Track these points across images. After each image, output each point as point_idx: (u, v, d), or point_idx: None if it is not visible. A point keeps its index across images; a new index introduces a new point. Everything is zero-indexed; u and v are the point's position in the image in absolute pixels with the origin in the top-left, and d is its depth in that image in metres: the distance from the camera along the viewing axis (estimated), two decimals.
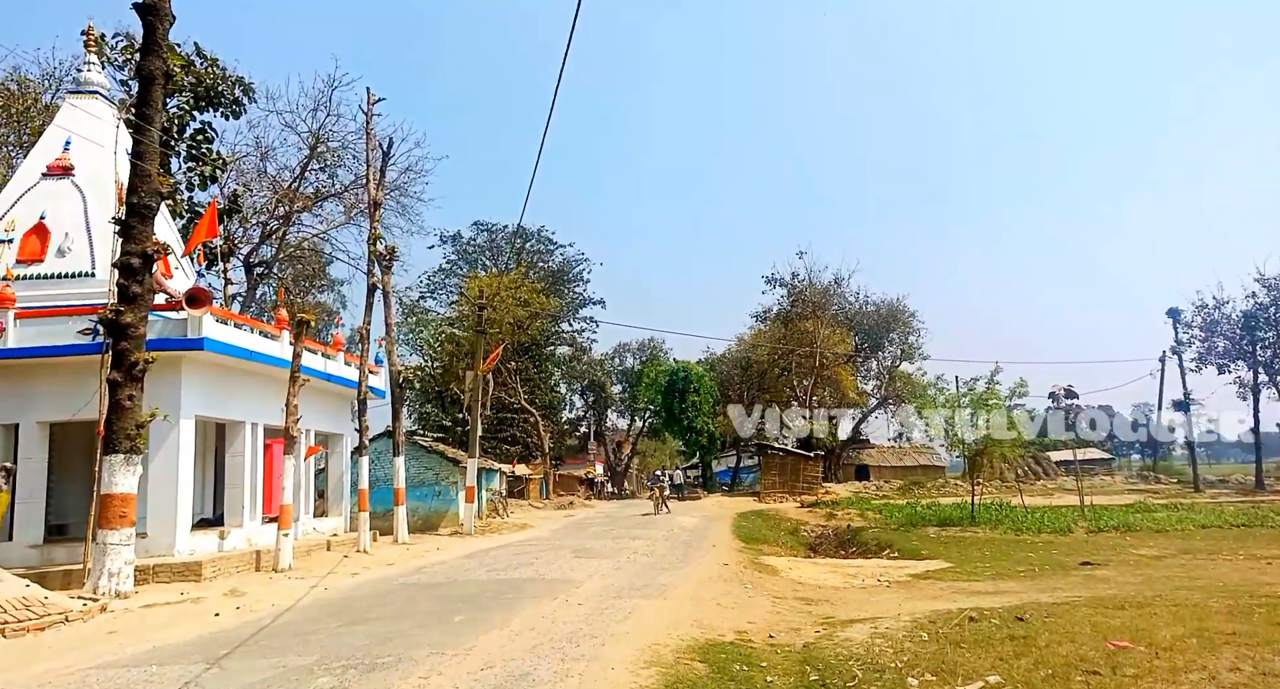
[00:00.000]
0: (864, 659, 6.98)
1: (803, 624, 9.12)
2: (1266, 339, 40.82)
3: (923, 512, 26.37)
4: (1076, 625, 7.86)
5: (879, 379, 51.64)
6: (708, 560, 15.35)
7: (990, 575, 13.56)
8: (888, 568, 15.58)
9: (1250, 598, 9.61)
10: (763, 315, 51.07)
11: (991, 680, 5.98)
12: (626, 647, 7.46)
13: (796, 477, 39.31)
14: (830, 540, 24.09)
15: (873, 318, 49.80)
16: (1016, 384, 24.96)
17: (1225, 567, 13.68)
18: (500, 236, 47.11)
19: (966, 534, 21.07)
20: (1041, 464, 49.86)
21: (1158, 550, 16.26)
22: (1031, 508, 26.23)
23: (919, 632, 7.98)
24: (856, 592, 12.47)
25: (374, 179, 21.64)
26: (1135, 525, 20.83)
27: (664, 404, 44.41)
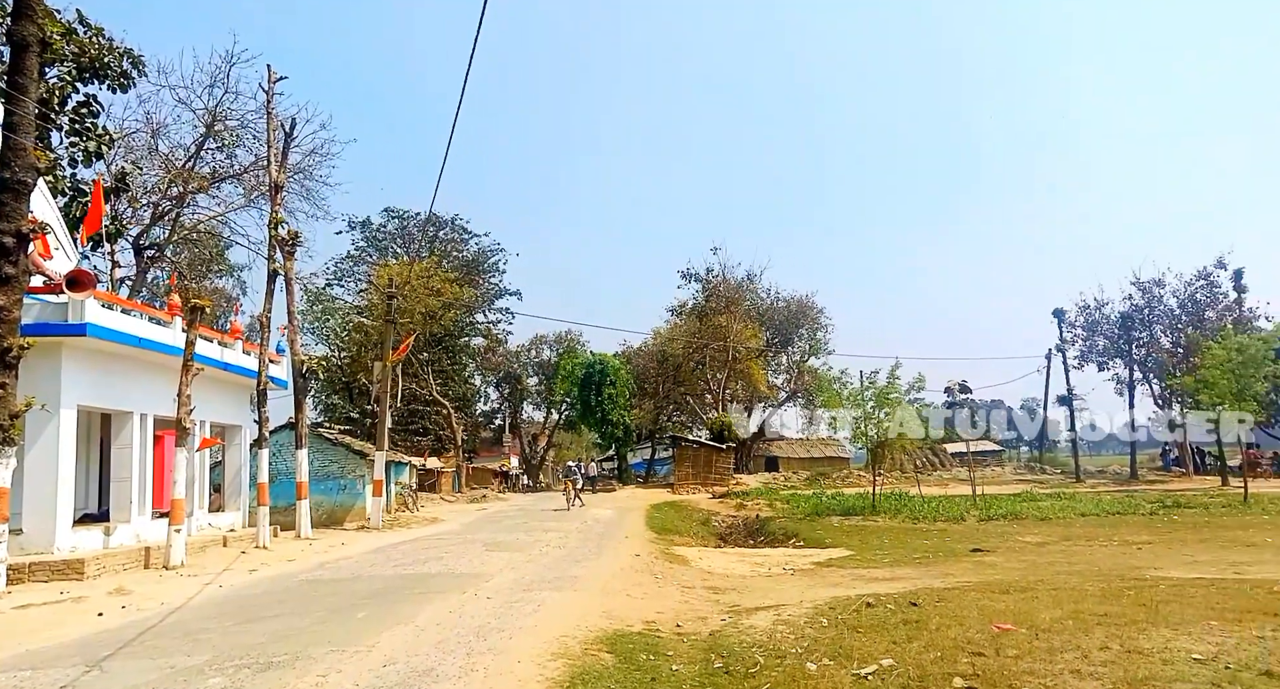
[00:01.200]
0: (767, 646, 7.18)
1: (710, 613, 9.29)
2: (1141, 339, 43.93)
3: (828, 502, 27.25)
4: (965, 609, 8.28)
5: (789, 373, 53.00)
6: (620, 552, 15.45)
7: (889, 562, 14.14)
8: (793, 556, 16.04)
9: (1121, 581, 10.34)
10: (679, 310, 51.65)
11: (885, 663, 6.23)
12: (534, 639, 7.44)
13: (709, 468, 39.99)
14: (740, 530, 24.61)
15: (783, 313, 51.03)
16: (915, 379, 26.12)
17: (1101, 552, 14.66)
18: (412, 224, 45.97)
19: (868, 523, 21.90)
20: (938, 455, 52.23)
21: (1041, 537, 17.28)
22: (928, 497, 27.52)
23: (819, 618, 8.26)
24: (763, 580, 12.79)
25: (275, 161, 20.74)
26: (1022, 514, 22.08)
27: (580, 397, 44.35)
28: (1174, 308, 42.96)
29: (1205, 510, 21.73)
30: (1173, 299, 43.03)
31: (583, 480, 38.58)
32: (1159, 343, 43.12)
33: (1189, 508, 22.33)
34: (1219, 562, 12.47)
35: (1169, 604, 8.17)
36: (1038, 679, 5.60)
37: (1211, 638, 6.56)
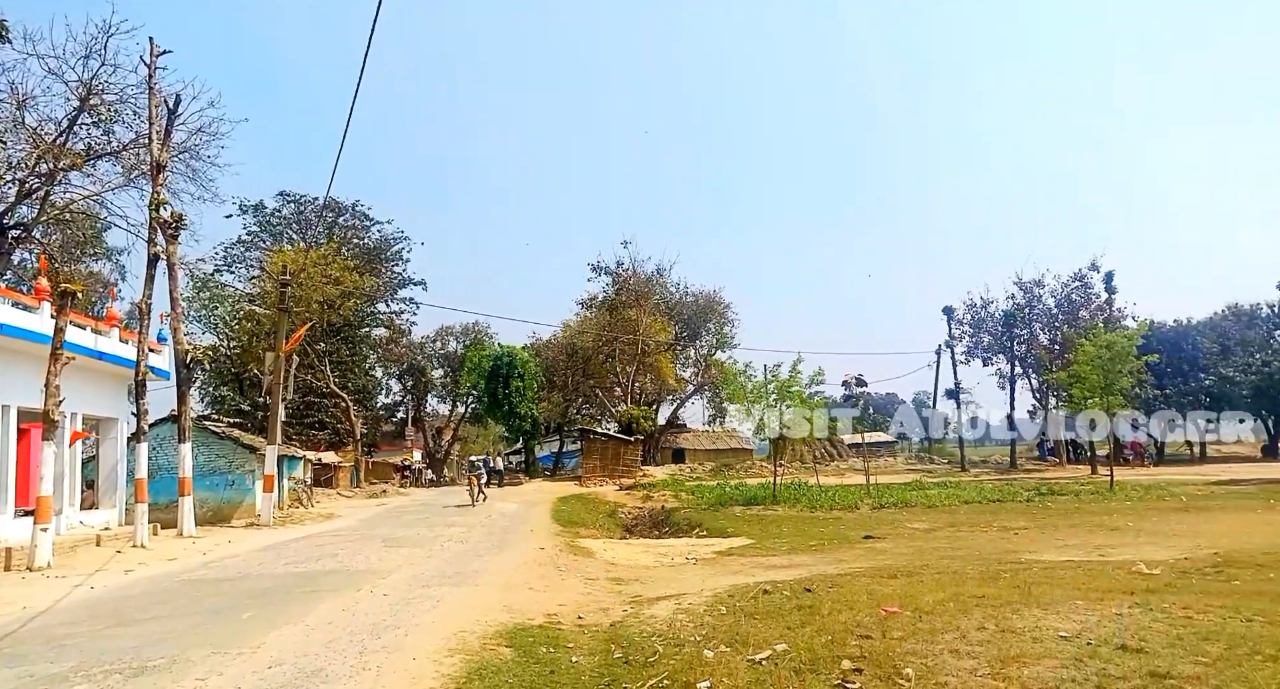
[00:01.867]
0: (666, 635, 7.26)
1: (612, 604, 9.33)
2: (1022, 336, 46.72)
3: (731, 492, 27.85)
4: (856, 594, 8.61)
5: (696, 366, 53.78)
6: (524, 545, 15.32)
7: (787, 550, 14.55)
8: (696, 546, 16.30)
9: (999, 564, 10.98)
10: (589, 302, 51.62)
11: (779, 648, 6.41)
12: (431, 636, 7.28)
13: (617, 460, 40.17)
14: (646, 521, 24.84)
15: (691, 308, 51.71)
16: (815, 373, 26.90)
17: (982, 537, 15.53)
18: (310, 209, 44.08)
19: (768, 512, 22.49)
20: (836, 446, 54.09)
21: (929, 524, 18.16)
22: (826, 487, 28.50)
23: (718, 605, 8.42)
24: (666, 570, 12.94)
25: (157, 138, 19.47)
26: (911, 502, 23.14)
27: (487, 389, 43.68)
28: (1052, 307, 45.89)
29: (1076, 497, 23.32)
30: (1051, 299, 46.00)
31: (489, 475, 38.05)
32: (1038, 340, 45.98)
33: (1061, 495, 23.91)
34: (1086, 545, 13.41)
35: (1040, 586, 8.73)
36: (919, 659, 5.88)
37: (1077, 616, 7.04)
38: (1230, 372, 41.99)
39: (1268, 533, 13.83)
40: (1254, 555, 10.72)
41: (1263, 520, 15.97)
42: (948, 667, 5.69)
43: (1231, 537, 13.37)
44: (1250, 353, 43.11)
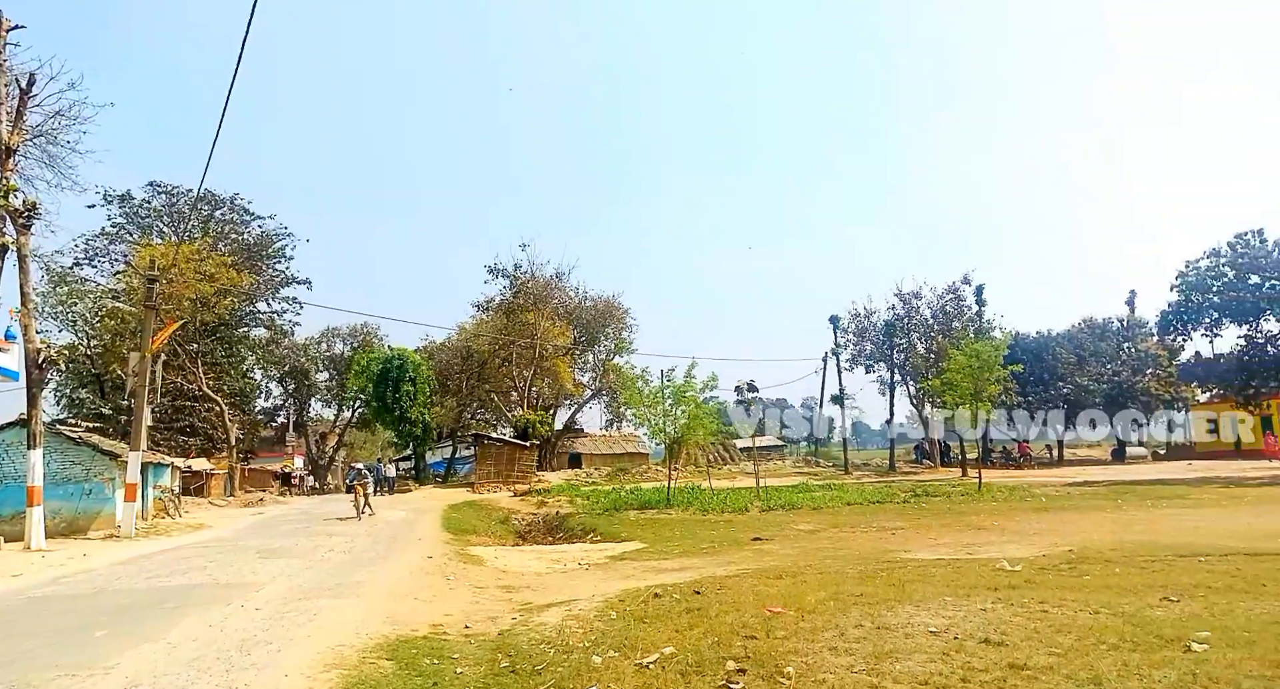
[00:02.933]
0: (556, 641, 7.20)
1: (501, 612, 9.17)
2: (901, 344, 49.08)
3: (626, 496, 27.95)
4: (742, 596, 8.79)
5: (595, 371, 53.74)
6: (411, 554, 14.85)
7: (679, 553, 14.71)
8: (590, 551, 16.25)
9: (876, 563, 11.46)
10: (485, 305, 50.72)
11: (666, 651, 6.46)
12: (307, 651, 6.95)
13: (512, 466, 39.60)
14: (540, 528, 24.59)
15: (590, 312, 51.64)
16: (709, 378, 27.34)
17: (862, 537, 16.16)
18: (183, 201, 41.35)
19: (662, 516, 22.69)
20: (728, 450, 55.26)
21: (813, 525, 18.77)
22: (718, 490, 29.01)
23: (609, 611, 8.41)
24: (558, 576, 12.83)
25: (7, 119, 17.86)
26: (798, 504, 23.85)
27: (376, 393, 42.15)
28: (928, 318, 48.43)
29: (948, 498, 24.64)
30: (927, 310, 48.53)
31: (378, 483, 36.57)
32: (915, 348, 48.43)
33: (935, 496, 25.21)
34: (956, 543, 14.18)
35: (914, 583, 9.17)
36: (800, 657, 6.05)
37: (946, 612, 7.43)
38: (1085, 380, 45.50)
39: (1115, 531, 15.02)
40: (1103, 552, 11.63)
41: (1111, 519, 17.33)
42: (826, 664, 5.88)
43: (1084, 535, 14.45)
44: (1102, 363, 46.86)
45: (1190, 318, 29.94)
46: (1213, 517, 16.59)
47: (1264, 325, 28.77)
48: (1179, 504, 19.77)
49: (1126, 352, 48.15)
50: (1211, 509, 18.21)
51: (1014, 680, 5.25)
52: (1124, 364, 47.14)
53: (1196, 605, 7.29)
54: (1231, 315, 28.91)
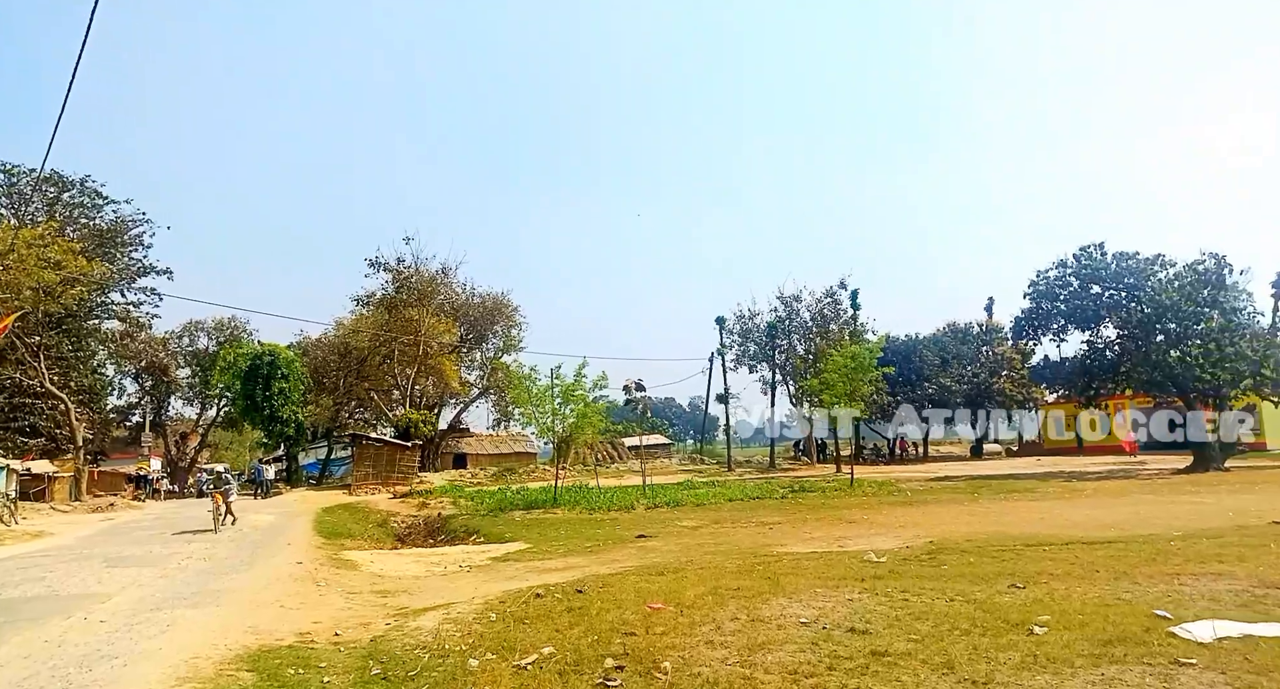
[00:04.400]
0: (431, 646, 7.01)
1: (374, 618, 8.85)
2: (782, 346, 50.85)
3: (512, 497, 27.59)
4: (624, 593, 8.85)
5: (482, 369, 52.78)
6: (279, 560, 14.11)
7: (563, 553, 14.64)
8: (471, 553, 15.93)
9: (754, 558, 11.80)
10: (366, 300, 48.81)
11: (546, 652, 6.41)
12: (156, 665, 6.47)
13: (392, 467, 38.34)
14: (420, 530, 23.90)
15: (478, 309, 50.68)
16: (599, 377, 27.38)
17: (742, 533, 16.57)
18: (25, 181, 37.68)
19: (548, 516, 22.54)
20: (617, 449, 55.58)
21: (696, 522, 19.11)
22: (605, 489, 29.12)
23: (489, 613, 8.28)
24: (437, 579, 12.51)
25: None
26: (683, 501, 24.24)
27: (244, 391, 39.76)
28: (808, 320, 50.38)
29: (822, 493, 25.66)
30: (807, 313, 50.48)
31: (257, 486, 34.45)
32: (796, 350, 50.27)
33: (810, 492, 26.20)
34: (828, 537, 14.78)
35: (788, 576, 9.49)
36: (677, 652, 6.15)
37: (816, 603, 7.74)
38: (948, 381, 48.56)
39: (971, 522, 16.07)
40: (959, 543, 12.42)
41: (968, 512, 18.53)
42: (702, 657, 6.00)
43: (943, 526, 15.38)
44: (963, 365, 50.15)
45: (1040, 324, 32.38)
46: (1056, 508, 18.03)
47: (1103, 331, 31.56)
48: (1028, 497, 21.37)
49: (985, 355, 51.71)
50: (1055, 501, 19.78)
51: (875, 667, 5.52)
52: (982, 366, 50.60)
53: (1039, 591, 7.89)
54: (1076, 322, 31.51)
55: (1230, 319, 28.62)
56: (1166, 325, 28.85)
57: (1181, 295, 28.65)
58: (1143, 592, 7.65)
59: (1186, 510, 15.99)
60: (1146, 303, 29.03)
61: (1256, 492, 19.59)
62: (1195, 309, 28.39)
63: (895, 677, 5.29)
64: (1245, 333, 28.78)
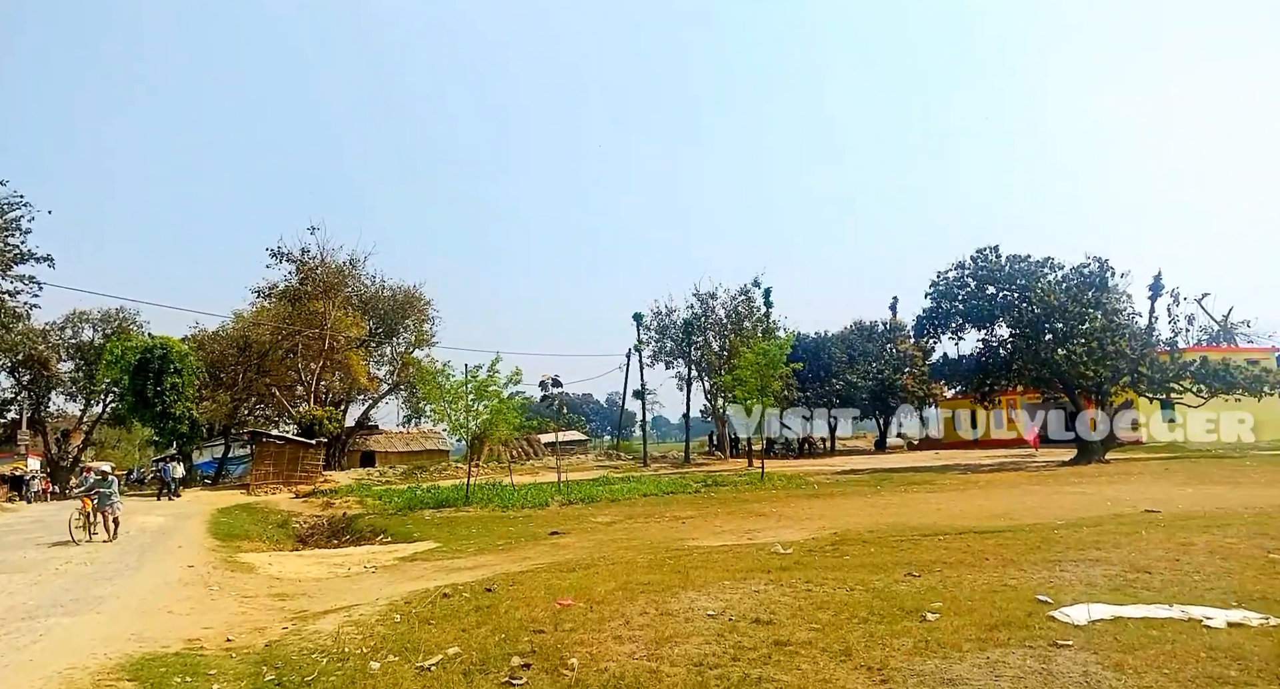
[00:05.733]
0: (330, 650, 6.79)
1: (270, 622, 8.51)
2: (698, 342, 51.45)
3: (422, 495, 27.00)
4: (534, 590, 8.78)
5: (392, 364, 51.36)
6: (168, 565, 13.38)
7: (474, 551, 14.43)
8: (378, 553, 15.52)
9: (665, 552, 11.90)
10: (267, 291, 46.71)
11: (451, 652, 6.30)
12: (27, 677, 6.05)
13: (295, 466, 36.93)
14: (324, 531, 23.13)
15: (389, 303, 49.26)
16: (513, 372, 27.00)
17: (654, 527, 16.70)
18: None
19: (460, 514, 22.15)
20: (533, 445, 55.08)
21: (610, 518, 19.15)
22: (520, 486, 28.85)
23: (393, 614, 8.07)
24: (340, 581, 12.13)
25: None
26: (597, 497, 24.25)
27: (133, 386, 37.43)
28: (723, 318, 51.12)
29: (734, 487, 26.15)
30: (722, 310, 51.23)
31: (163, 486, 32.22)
32: (711, 346, 50.94)
33: (723, 486, 26.67)
34: (738, 530, 15.07)
35: (697, 569, 9.62)
36: (585, 648, 6.14)
37: (723, 595, 7.86)
38: (854, 378, 50.19)
39: (873, 514, 16.67)
40: (861, 534, 12.86)
41: (870, 504, 19.21)
42: (610, 652, 6.01)
43: (847, 518, 15.89)
44: (869, 362, 51.93)
45: (940, 323, 33.82)
46: (952, 500, 18.89)
47: (998, 331, 33.21)
48: (926, 489, 22.33)
49: (889, 352, 53.70)
50: (952, 493, 20.73)
51: (778, 656, 5.65)
52: (887, 363, 52.53)
53: (933, 579, 8.25)
54: (973, 321, 33.06)
55: (1111, 320, 30.58)
56: (1054, 325, 30.59)
57: (1068, 297, 30.46)
58: (1027, 578, 8.09)
59: (1070, 500, 17.02)
60: (1036, 303, 30.72)
61: (1132, 482, 21.03)
62: (1080, 310, 30.23)
63: (796, 665, 5.43)
64: (1125, 333, 30.79)
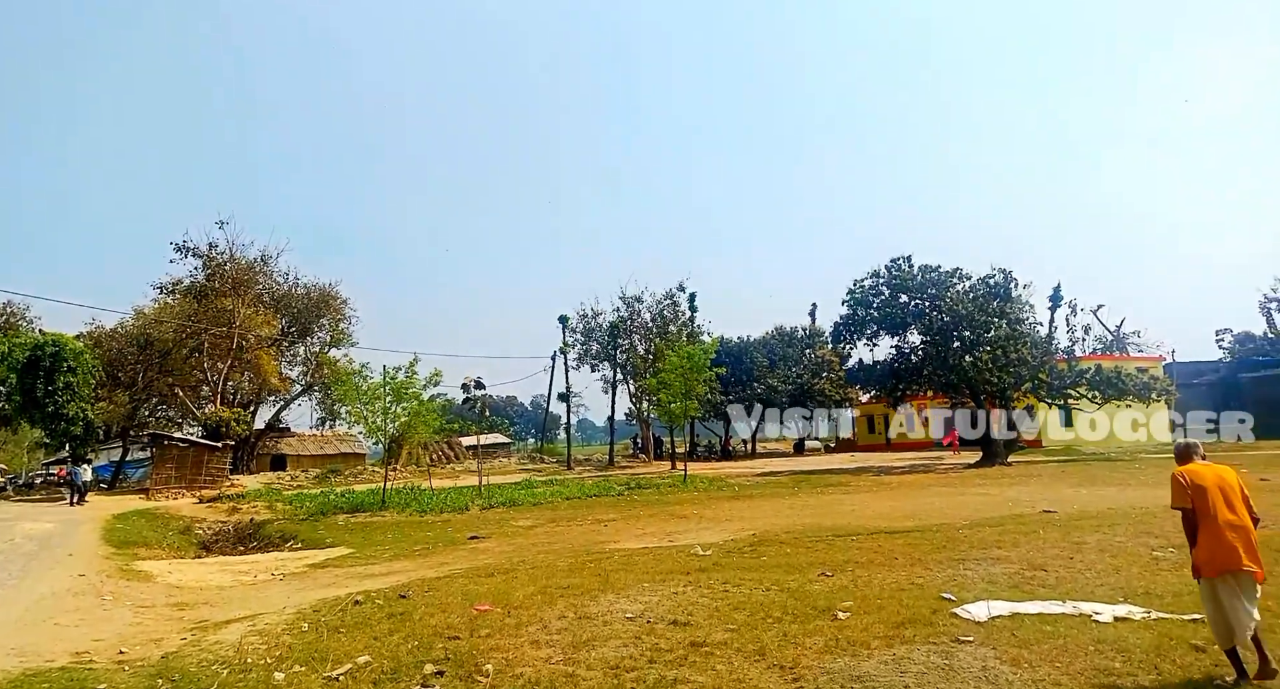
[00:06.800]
0: (232, 661, 6.50)
1: (168, 633, 8.09)
2: (624, 345, 51.61)
3: (336, 499, 26.15)
4: (451, 596, 8.62)
5: (306, 364, 49.64)
6: (56, 573, 12.57)
7: (389, 557, 14.06)
8: (286, 560, 14.96)
9: (586, 555, 11.87)
10: (171, 287, 44.47)
11: (361, 661, 6.11)
12: None
13: (199, 470, 35.23)
14: (229, 537, 22.14)
15: (303, 301, 47.59)
16: (433, 374, 26.48)
17: (576, 531, 16.62)
18: None
19: (375, 519, 21.56)
20: (454, 449, 54.12)
21: (532, 521, 18.97)
22: (439, 490, 28.29)
23: (300, 623, 7.79)
24: (245, 589, 11.64)
25: None
26: (519, 501, 23.98)
27: (21, 385, 34.98)
28: (648, 321, 51.44)
29: (657, 490, 26.27)
30: (648, 313, 51.54)
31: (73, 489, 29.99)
32: (636, 349, 51.17)
33: (646, 489, 26.77)
34: (660, 532, 15.14)
35: (618, 572, 9.62)
36: (501, 654, 6.06)
37: (643, 597, 7.89)
38: (775, 382, 51.26)
39: (791, 515, 17.01)
40: (779, 535, 13.11)
41: (788, 505, 19.61)
42: (526, 658, 5.95)
43: (766, 519, 16.17)
44: (789, 367, 53.14)
45: (856, 329, 34.87)
46: (866, 501, 19.47)
47: (910, 337, 34.47)
48: (841, 491, 22.95)
49: (808, 357, 55.03)
50: (865, 494, 21.37)
51: (694, 657, 5.71)
52: (806, 368, 53.83)
53: (845, 579, 8.48)
54: (886, 328, 34.21)
55: (1015, 328, 32.15)
56: (962, 333, 31.95)
57: (975, 306, 31.87)
58: (933, 576, 8.41)
59: (974, 501, 17.76)
60: (946, 312, 32.03)
61: (1031, 484, 22.10)
62: (986, 319, 31.67)
63: (711, 666, 5.49)
64: (1027, 341, 32.39)
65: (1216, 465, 5.33)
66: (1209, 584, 5.04)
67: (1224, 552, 4.95)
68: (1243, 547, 4.95)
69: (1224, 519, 5.00)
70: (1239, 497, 5.11)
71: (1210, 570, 5.01)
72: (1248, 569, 4.93)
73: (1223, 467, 5.33)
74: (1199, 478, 5.16)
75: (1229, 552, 4.94)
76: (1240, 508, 5.07)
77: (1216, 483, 5.13)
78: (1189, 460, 5.38)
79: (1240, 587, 4.95)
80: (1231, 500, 5.08)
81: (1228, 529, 4.98)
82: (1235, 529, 4.98)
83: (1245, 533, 5.00)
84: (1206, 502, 5.05)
